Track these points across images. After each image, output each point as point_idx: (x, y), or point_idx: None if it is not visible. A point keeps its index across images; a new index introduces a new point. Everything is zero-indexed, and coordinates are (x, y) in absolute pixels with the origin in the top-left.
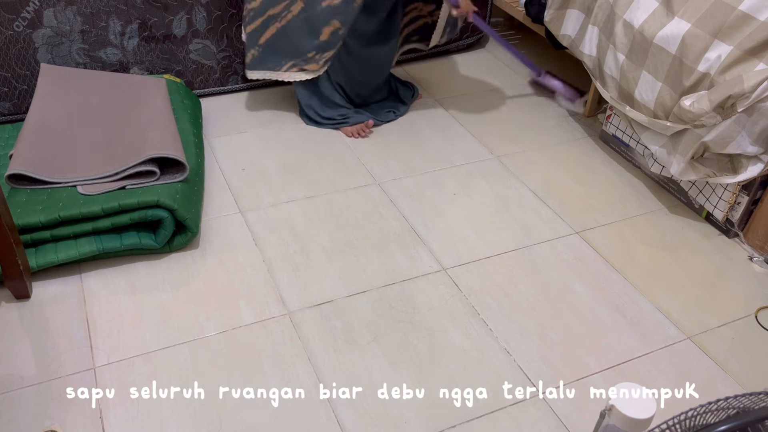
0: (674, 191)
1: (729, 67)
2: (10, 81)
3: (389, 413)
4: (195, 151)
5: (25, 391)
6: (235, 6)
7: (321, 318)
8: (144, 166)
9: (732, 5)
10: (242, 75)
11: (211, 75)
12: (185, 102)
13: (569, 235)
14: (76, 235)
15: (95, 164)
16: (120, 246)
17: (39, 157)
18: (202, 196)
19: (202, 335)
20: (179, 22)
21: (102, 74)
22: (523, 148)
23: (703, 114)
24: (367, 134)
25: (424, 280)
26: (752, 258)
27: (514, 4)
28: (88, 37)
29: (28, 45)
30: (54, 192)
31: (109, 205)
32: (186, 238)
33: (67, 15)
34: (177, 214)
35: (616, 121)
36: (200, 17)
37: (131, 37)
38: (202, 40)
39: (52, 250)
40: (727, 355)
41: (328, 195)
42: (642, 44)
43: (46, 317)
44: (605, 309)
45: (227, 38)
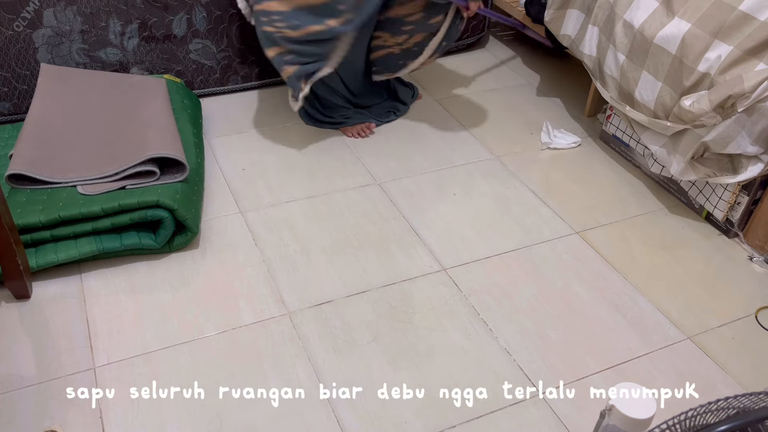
0: (674, 191)
1: (729, 67)
2: (10, 81)
3: (389, 413)
4: (195, 151)
5: (25, 391)
6: (235, 6)
7: (321, 318)
8: (144, 166)
9: (732, 5)
10: (242, 75)
11: (211, 75)
12: (185, 102)
13: (569, 235)
14: (76, 235)
15: (95, 164)
16: (120, 246)
17: (39, 157)
18: (202, 196)
19: (202, 335)
20: (179, 22)
21: (102, 74)
22: (523, 148)
23: (703, 114)
24: (367, 135)
25: (424, 280)
26: (752, 258)
27: (514, 4)
28: (88, 37)
29: (28, 45)
30: (54, 192)
31: (109, 205)
32: (186, 238)
33: (67, 15)
34: (177, 214)
35: (616, 121)
36: (200, 17)
37: (131, 37)
38: (202, 40)
39: (52, 250)
40: (727, 355)
41: (328, 195)
42: (642, 44)
43: (46, 317)
44: (605, 309)
45: (227, 38)
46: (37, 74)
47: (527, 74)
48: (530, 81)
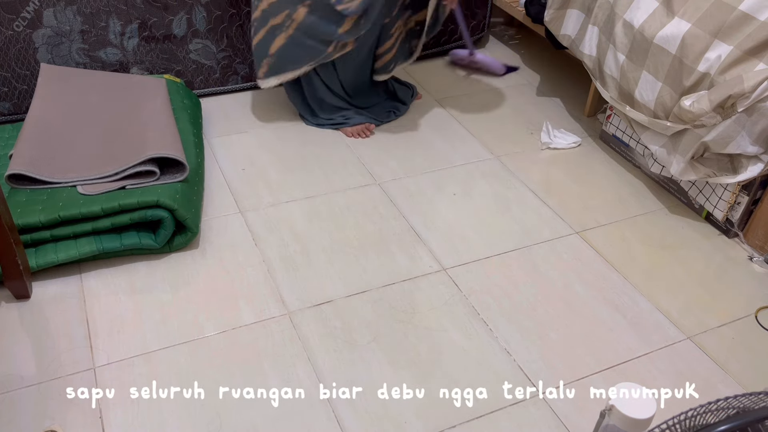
0: (674, 191)
1: (729, 67)
2: (10, 81)
3: (389, 413)
4: (195, 151)
5: (25, 391)
6: (235, 6)
7: (321, 318)
8: (144, 166)
9: (732, 5)
10: (242, 75)
11: (211, 75)
12: (185, 102)
13: (569, 235)
14: (76, 235)
15: (95, 164)
16: (120, 246)
17: (39, 157)
18: (202, 196)
19: (202, 335)
20: (179, 22)
21: (102, 74)
22: (523, 148)
23: (703, 114)
24: (368, 136)
25: (424, 280)
26: (752, 258)
27: (514, 4)
28: (88, 37)
29: (28, 45)
30: (54, 192)
31: (109, 205)
32: (186, 238)
33: (67, 15)
34: (177, 214)
35: (616, 121)
36: (200, 17)
37: (131, 37)
38: (202, 40)
39: (52, 250)
40: (727, 355)
41: (328, 195)
42: (642, 44)
43: (46, 317)
44: (605, 309)
45: (227, 38)
46: (37, 74)
47: (527, 74)
48: (530, 81)
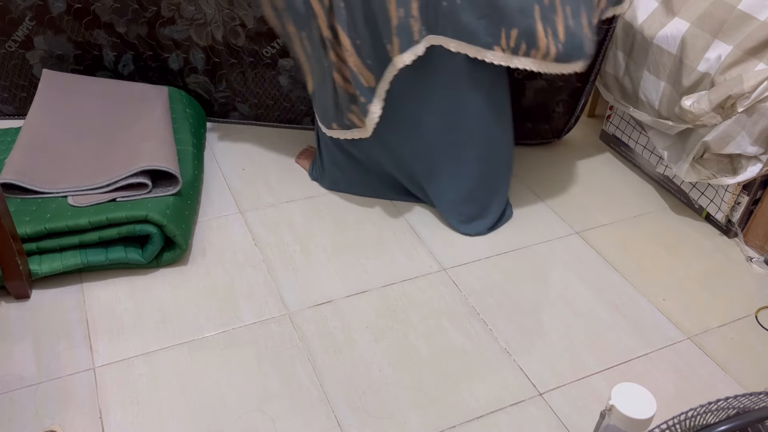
0: (674, 191)
1: (729, 67)
2: (10, 89)
3: (389, 413)
4: (193, 163)
5: (25, 391)
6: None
7: (321, 318)
8: (136, 177)
9: (732, 5)
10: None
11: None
12: (188, 111)
13: (569, 235)
14: (62, 248)
15: (87, 174)
16: (105, 260)
17: (31, 165)
18: (195, 211)
19: (202, 335)
20: (176, 59)
21: (104, 81)
22: (522, 148)
23: (703, 114)
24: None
25: (424, 280)
26: (752, 258)
27: None
28: (82, 60)
29: (23, 63)
30: (44, 202)
31: (97, 219)
32: (175, 255)
33: (58, 41)
34: (166, 230)
35: (616, 121)
36: (198, 57)
37: (125, 65)
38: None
39: (36, 262)
40: (727, 355)
41: (328, 195)
42: (642, 44)
43: (46, 317)
44: (605, 309)
45: (226, 81)
46: (37, 83)
47: None
48: None
